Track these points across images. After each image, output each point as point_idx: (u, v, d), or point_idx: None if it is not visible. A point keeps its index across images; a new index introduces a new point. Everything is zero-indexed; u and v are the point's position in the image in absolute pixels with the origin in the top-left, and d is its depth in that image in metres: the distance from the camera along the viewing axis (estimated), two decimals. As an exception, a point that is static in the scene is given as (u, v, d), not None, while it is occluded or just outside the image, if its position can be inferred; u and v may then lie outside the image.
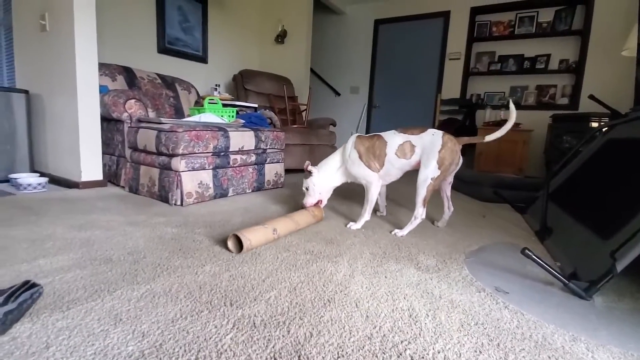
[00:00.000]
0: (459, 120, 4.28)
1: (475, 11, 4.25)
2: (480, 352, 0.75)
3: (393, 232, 1.59)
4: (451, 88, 4.48)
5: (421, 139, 1.56)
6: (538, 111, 3.97)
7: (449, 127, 4.12)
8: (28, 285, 0.80)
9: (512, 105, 1.52)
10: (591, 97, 2.44)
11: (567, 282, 1.05)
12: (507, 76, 4.19)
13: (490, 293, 1.04)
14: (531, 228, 1.84)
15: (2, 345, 0.69)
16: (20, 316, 0.77)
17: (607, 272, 0.99)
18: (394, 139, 1.60)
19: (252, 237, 1.26)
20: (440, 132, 1.55)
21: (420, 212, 1.53)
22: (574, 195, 1.70)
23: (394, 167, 1.61)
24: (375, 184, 1.61)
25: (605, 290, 1.10)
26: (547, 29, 3.94)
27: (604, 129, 2.00)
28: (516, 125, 3.71)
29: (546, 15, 3.95)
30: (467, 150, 2.99)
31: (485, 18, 4.27)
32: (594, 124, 3.02)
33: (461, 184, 2.76)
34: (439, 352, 0.74)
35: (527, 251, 1.10)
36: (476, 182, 2.63)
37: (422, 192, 1.50)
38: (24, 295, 0.78)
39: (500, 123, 3.78)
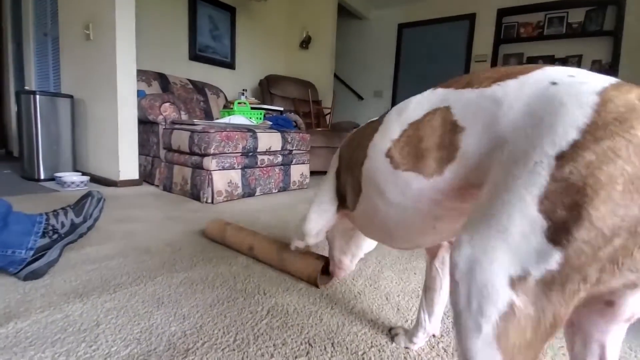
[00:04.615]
0: (486, 124, 4.20)
1: (502, 13, 4.17)
2: (515, 346, 0.74)
3: None
4: (477, 91, 4.40)
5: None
6: (570, 114, 3.83)
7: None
8: (95, 200, 1.07)
9: None
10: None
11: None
12: (537, 78, 4.07)
13: (523, 292, 1.02)
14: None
15: (55, 322, 0.75)
16: (93, 226, 1.09)
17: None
18: None
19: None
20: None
21: None
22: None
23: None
24: None
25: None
26: (578, 29, 3.81)
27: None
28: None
29: (576, 15, 3.82)
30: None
31: (513, 19, 4.18)
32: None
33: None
34: (472, 345, 0.74)
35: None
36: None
37: None
38: (95, 211, 1.07)
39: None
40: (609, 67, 3.62)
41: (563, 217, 0.28)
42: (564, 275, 0.29)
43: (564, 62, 3.87)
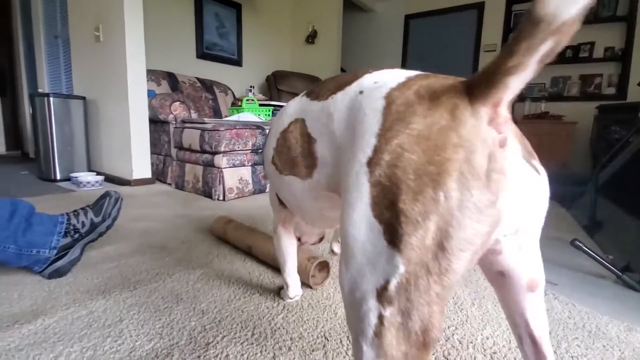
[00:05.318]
0: (496, 115, 4.14)
1: (511, 0, 4.08)
2: (530, 338, 0.75)
3: None
4: (487, 82, 4.33)
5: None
6: (582, 102, 3.75)
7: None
8: (113, 200, 1.11)
9: None
10: (643, 84, 2.28)
11: (620, 274, 1.01)
12: (548, 66, 3.92)
13: (537, 284, 1.02)
14: (578, 223, 1.75)
15: (81, 318, 0.78)
16: (112, 225, 1.11)
17: (666, 264, 0.94)
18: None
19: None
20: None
21: None
22: (625, 188, 1.61)
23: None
24: None
25: (664, 284, 1.04)
26: (590, 15, 3.71)
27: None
28: (559, 117, 3.54)
29: (590, 1, 3.73)
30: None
31: (523, 7, 4.09)
32: (646, 114, 2.82)
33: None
34: (487, 338, 0.74)
35: (577, 242, 1.06)
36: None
37: None
38: (114, 211, 1.10)
39: (541, 115, 3.62)
40: (622, 54, 3.53)
41: (389, 218, 0.30)
42: (412, 273, 0.29)
43: (577, 49, 3.78)
